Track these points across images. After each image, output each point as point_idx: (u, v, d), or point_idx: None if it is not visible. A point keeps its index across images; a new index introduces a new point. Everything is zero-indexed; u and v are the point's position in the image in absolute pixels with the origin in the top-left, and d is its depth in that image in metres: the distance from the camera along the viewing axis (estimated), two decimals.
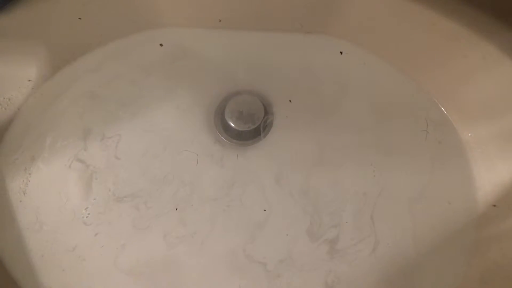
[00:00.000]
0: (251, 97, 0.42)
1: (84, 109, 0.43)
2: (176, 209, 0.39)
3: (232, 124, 0.41)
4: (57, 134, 0.42)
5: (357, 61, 0.45)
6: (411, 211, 0.39)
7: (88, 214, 0.39)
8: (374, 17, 0.42)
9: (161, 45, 0.43)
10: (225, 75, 0.45)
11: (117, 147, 0.42)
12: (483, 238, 0.37)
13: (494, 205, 0.37)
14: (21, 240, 0.38)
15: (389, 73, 0.44)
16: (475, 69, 0.38)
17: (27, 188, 0.40)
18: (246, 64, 0.45)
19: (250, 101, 0.42)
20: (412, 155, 0.41)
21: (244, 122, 0.41)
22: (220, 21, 0.45)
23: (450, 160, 0.41)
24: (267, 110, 0.43)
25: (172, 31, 0.46)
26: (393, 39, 0.43)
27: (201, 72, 0.45)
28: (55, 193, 0.40)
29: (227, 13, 0.44)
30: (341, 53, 0.45)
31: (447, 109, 0.42)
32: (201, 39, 0.46)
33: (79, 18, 0.42)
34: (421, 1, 0.38)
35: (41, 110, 0.43)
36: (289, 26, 0.45)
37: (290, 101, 0.41)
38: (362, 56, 0.45)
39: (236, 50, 0.46)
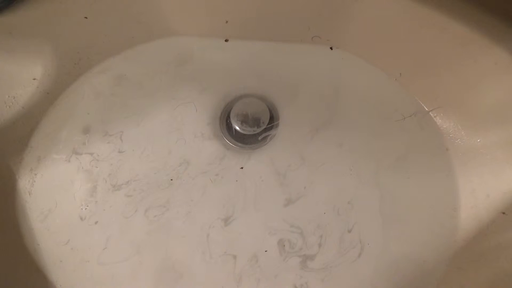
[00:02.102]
0: (257, 101, 0.42)
1: (89, 109, 0.43)
2: (171, 179, 0.41)
3: (237, 127, 0.41)
4: (64, 134, 0.42)
5: (360, 72, 0.45)
6: (414, 216, 0.39)
7: (87, 206, 0.40)
8: (378, 27, 0.41)
9: (226, 40, 0.44)
10: (230, 80, 0.45)
11: (121, 143, 0.42)
12: (492, 246, 0.36)
13: (503, 213, 0.37)
14: (31, 234, 0.39)
15: (387, 81, 0.44)
16: (486, 74, 0.38)
17: (33, 188, 0.40)
18: (250, 71, 0.46)
19: (257, 105, 0.42)
20: (417, 163, 0.41)
21: (250, 125, 0.41)
22: (226, 22, 0.44)
23: (457, 166, 0.41)
24: (272, 115, 0.43)
25: (180, 40, 0.46)
26: (397, 47, 0.42)
27: (208, 76, 0.45)
28: (61, 192, 0.40)
29: (235, 22, 0.44)
30: (331, 48, 0.44)
31: (454, 115, 0.42)
32: (208, 48, 0.46)
33: (85, 18, 0.42)
34: (431, 5, 0.37)
35: (47, 109, 0.43)
36: (294, 37, 0.45)
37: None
38: (364, 67, 0.45)
39: (241, 58, 0.46)
